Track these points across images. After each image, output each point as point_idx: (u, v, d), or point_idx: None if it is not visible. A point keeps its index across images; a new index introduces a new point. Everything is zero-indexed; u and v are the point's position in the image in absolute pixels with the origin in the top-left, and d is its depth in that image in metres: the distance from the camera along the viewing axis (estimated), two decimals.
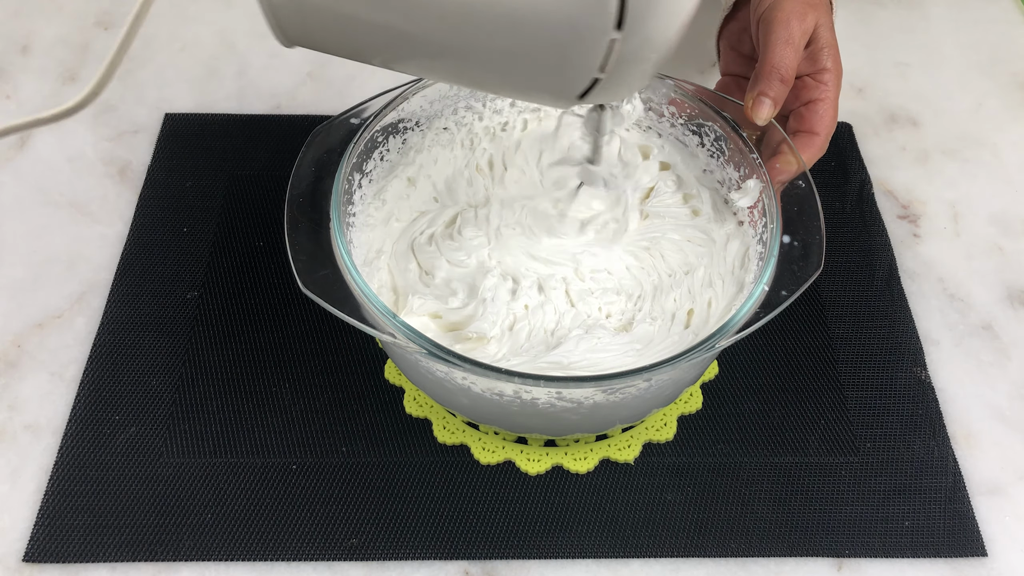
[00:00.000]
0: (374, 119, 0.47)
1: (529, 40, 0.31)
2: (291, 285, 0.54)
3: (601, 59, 0.31)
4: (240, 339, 0.55)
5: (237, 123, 0.67)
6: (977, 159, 0.67)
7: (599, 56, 0.31)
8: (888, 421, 0.52)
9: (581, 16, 0.30)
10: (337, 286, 0.40)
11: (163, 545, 0.47)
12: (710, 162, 0.51)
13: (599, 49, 0.31)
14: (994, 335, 0.57)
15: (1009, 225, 0.63)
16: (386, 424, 0.52)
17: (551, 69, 0.32)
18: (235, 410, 0.52)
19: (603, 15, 0.30)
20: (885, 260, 0.60)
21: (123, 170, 0.64)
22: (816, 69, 0.50)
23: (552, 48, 0.31)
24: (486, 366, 0.38)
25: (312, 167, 0.44)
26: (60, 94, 0.69)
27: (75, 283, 0.58)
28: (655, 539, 0.48)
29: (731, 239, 0.48)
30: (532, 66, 0.32)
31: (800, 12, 0.49)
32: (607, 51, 0.31)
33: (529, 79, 0.34)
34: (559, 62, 0.32)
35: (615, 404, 0.42)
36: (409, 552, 0.47)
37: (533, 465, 0.50)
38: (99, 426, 0.51)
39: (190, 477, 0.49)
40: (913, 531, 0.48)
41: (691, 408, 0.52)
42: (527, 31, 0.30)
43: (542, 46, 0.31)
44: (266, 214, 0.61)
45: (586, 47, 0.31)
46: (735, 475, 0.50)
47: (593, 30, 0.30)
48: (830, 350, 0.55)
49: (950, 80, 0.73)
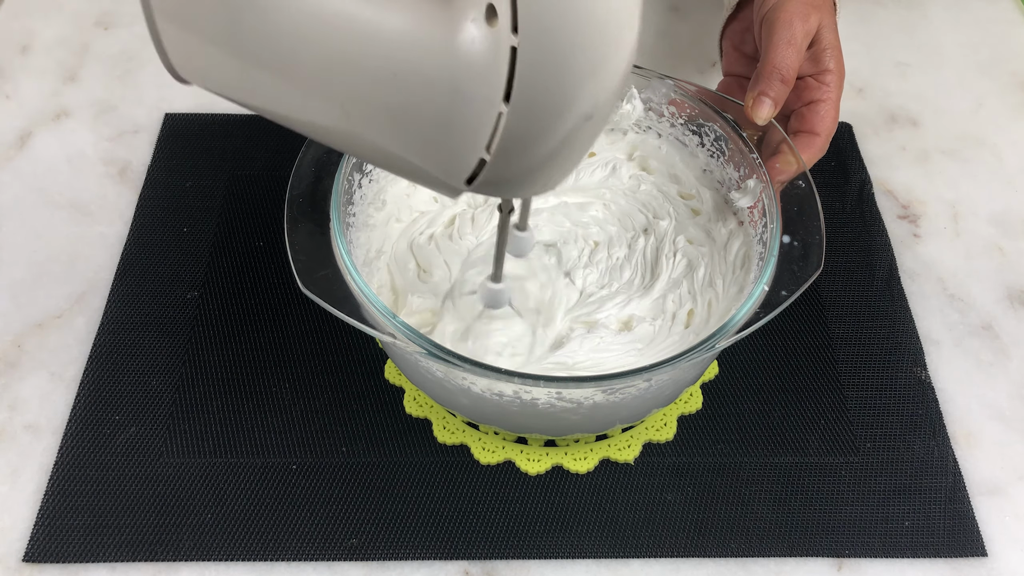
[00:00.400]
0: None
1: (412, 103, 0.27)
2: (291, 285, 0.54)
3: (487, 135, 0.27)
4: (240, 339, 0.55)
5: (237, 123, 0.67)
6: (977, 159, 0.67)
7: (485, 132, 0.27)
8: (888, 421, 0.52)
9: (467, 81, 0.26)
10: (337, 286, 0.40)
11: (163, 545, 0.47)
12: (710, 162, 0.51)
13: (485, 123, 0.26)
14: (994, 335, 0.57)
15: (1009, 225, 0.63)
16: (386, 424, 0.52)
17: (433, 141, 0.28)
18: (235, 410, 0.52)
19: (490, 82, 0.26)
20: (885, 260, 0.60)
21: (123, 170, 0.64)
22: (818, 70, 0.50)
23: (435, 115, 0.27)
24: (486, 366, 0.38)
25: (312, 167, 0.44)
26: (60, 94, 0.69)
27: (75, 283, 0.58)
28: (655, 539, 0.48)
29: (731, 239, 0.48)
30: (415, 136, 0.28)
31: (803, 13, 0.49)
32: (493, 126, 0.26)
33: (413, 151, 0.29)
34: (442, 133, 0.28)
35: (615, 404, 0.42)
36: (409, 552, 0.47)
37: (533, 465, 0.50)
38: (99, 426, 0.51)
39: (190, 477, 0.49)
40: (913, 531, 0.48)
41: (691, 408, 0.52)
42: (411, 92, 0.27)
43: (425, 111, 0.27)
44: (266, 214, 0.61)
45: (470, 118, 0.27)
46: (735, 475, 0.50)
47: (478, 99, 0.26)
48: (830, 350, 0.55)
49: (950, 80, 0.73)
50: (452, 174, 0.29)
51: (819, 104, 0.50)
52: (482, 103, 0.26)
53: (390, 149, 0.29)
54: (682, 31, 0.76)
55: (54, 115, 0.68)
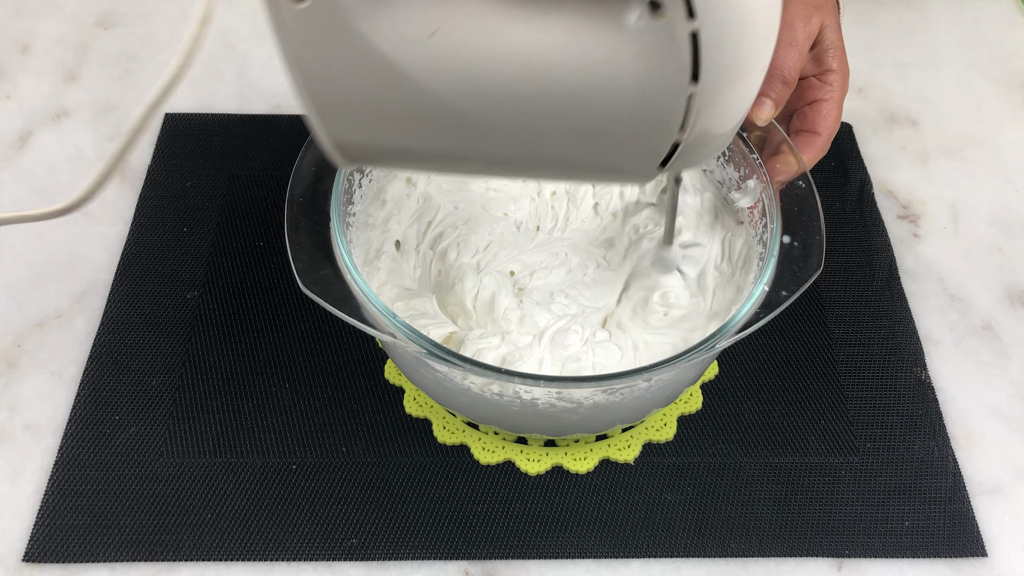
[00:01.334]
0: None
1: (601, 115, 0.28)
2: (291, 285, 0.54)
3: (680, 118, 0.29)
4: (240, 339, 0.55)
5: (237, 123, 0.67)
6: (977, 159, 0.67)
7: (678, 115, 0.28)
8: (888, 421, 0.52)
9: (652, 75, 0.27)
10: (337, 286, 0.40)
11: (163, 545, 0.47)
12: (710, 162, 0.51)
13: (677, 107, 0.28)
14: (994, 335, 0.57)
15: (1009, 225, 0.63)
16: (386, 424, 0.52)
17: (629, 142, 0.30)
18: (235, 410, 0.52)
19: (677, 70, 0.27)
20: (885, 260, 0.60)
21: (123, 170, 0.64)
22: (822, 70, 0.50)
23: (626, 117, 0.28)
24: (486, 366, 0.38)
25: (312, 167, 0.44)
26: (60, 94, 0.69)
27: (75, 283, 0.58)
28: (655, 539, 0.48)
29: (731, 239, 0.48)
30: (609, 143, 0.30)
31: (805, 14, 0.49)
32: (686, 108, 0.28)
33: (607, 157, 0.31)
34: (636, 131, 0.29)
35: (615, 404, 0.42)
36: (409, 552, 0.47)
37: (533, 465, 0.50)
38: (99, 426, 0.51)
39: (190, 477, 0.49)
40: (913, 531, 0.48)
41: (691, 408, 0.52)
42: (597, 105, 0.28)
43: (616, 117, 0.28)
44: (266, 214, 0.61)
45: (663, 108, 0.28)
46: (735, 475, 0.50)
47: (667, 88, 0.28)
48: (830, 350, 0.55)
49: (950, 80, 0.73)
50: (648, 164, 0.31)
51: (821, 104, 0.50)
52: (671, 91, 0.28)
53: (583, 162, 0.31)
54: None
55: (54, 115, 0.68)
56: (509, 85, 0.28)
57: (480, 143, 0.30)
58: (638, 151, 0.30)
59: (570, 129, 0.29)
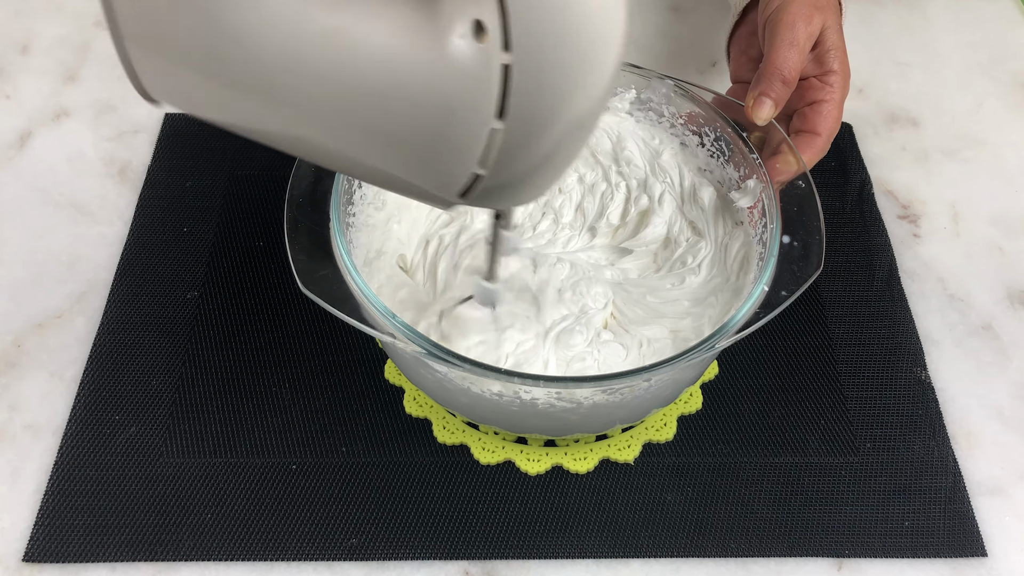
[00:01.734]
0: None
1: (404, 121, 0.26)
2: (291, 285, 0.54)
3: (481, 152, 0.27)
4: (240, 339, 0.55)
5: None
6: (977, 159, 0.67)
7: (478, 147, 0.26)
8: (888, 421, 0.52)
9: (459, 99, 0.25)
10: (337, 286, 0.40)
11: (163, 545, 0.47)
12: (710, 162, 0.51)
13: (478, 139, 0.26)
14: (994, 335, 0.57)
15: (1009, 225, 0.63)
16: (386, 424, 0.52)
17: (426, 158, 0.28)
18: (235, 410, 0.52)
19: (483, 100, 0.25)
20: (885, 260, 0.60)
21: (123, 170, 0.64)
22: (823, 71, 0.50)
23: (427, 133, 0.27)
24: (486, 366, 0.38)
25: (312, 167, 0.44)
26: (60, 94, 0.69)
27: (75, 283, 0.58)
28: (655, 539, 0.48)
29: (731, 239, 0.48)
30: (407, 153, 0.28)
31: (806, 15, 0.49)
32: (487, 143, 0.26)
33: (405, 169, 0.29)
34: (435, 150, 0.27)
35: (615, 404, 0.42)
36: (409, 552, 0.47)
37: (533, 465, 0.50)
38: (99, 426, 0.51)
39: (190, 477, 0.49)
40: (913, 531, 0.48)
41: (691, 408, 0.52)
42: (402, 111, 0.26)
43: (417, 129, 0.26)
44: (266, 214, 0.61)
45: (463, 135, 0.26)
46: (735, 475, 0.50)
47: (471, 116, 0.26)
48: (830, 350, 0.55)
49: (950, 80, 0.73)
50: (445, 189, 0.29)
51: (822, 104, 0.50)
52: (474, 120, 0.26)
53: (379, 167, 0.29)
54: (682, 31, 0.76)
55: (54, 115, 0.68)
56: (321, 59, 0.25)
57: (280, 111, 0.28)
58: (436, 172, 0.28)
59: (371, 125, 0.27)
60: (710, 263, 0.48)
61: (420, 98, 0.26)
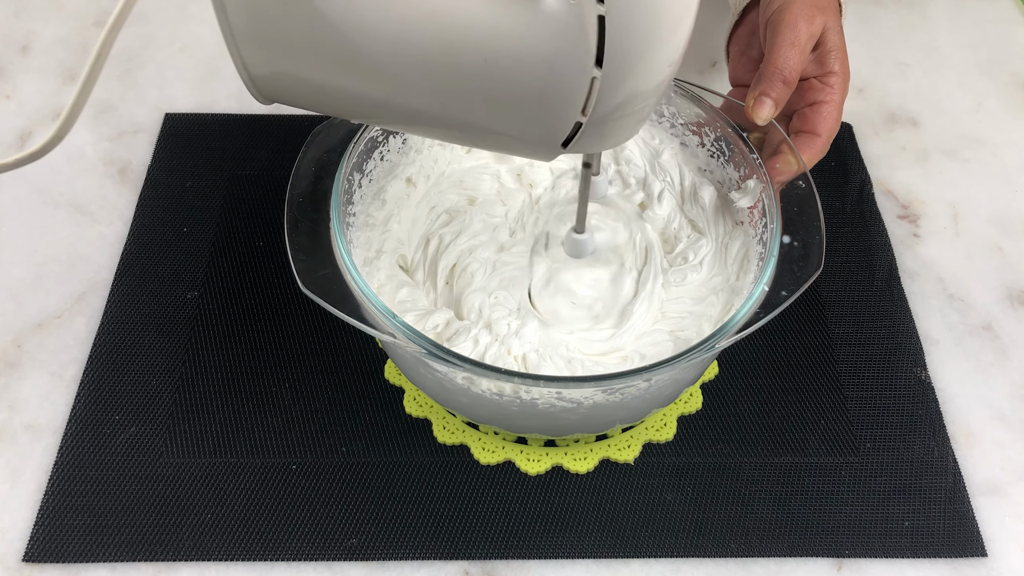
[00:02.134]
0: None
1: (508, 84, 0.29)
2: (291, 285, 0.54)
3: (582, 100, 0.29)
4: (240, 339, 0.55)
5: (237, 123, 0.67)
6: (977, 159, 0.67)
7: (580, 97, 0.29)
8: (888, 421, 0.52)
9: (559, 54, 0.28)
10: (337, 286, 0.40)
11: (163, 545, 0.47)
12: (710, 162, 0.51)
13: (580, 89, 0.29)
14: (994, 335, 0.57)
15: (1009, 225, 0.63)
16: (386, 424, 0.52)
17: (532, 114, 0.30)
18: (235, 410, 0.52)
19: (582, 51, 0.28)
20: (885, 260, 0.60)
21: (123, 170, 0.64)
22: (823, 72, 0.50)
23: (531, 91, 0.29)
24: (486, 366, 0.38)
25: (312, 167, 0.44)
26: (60, 94, 0.69)
27: (75, 283, 0.58)
28: (655, 539, 0.48)
29: (731, 239, 0.48)
30: (513, 113, 0.30)
31: (808, 15, 0.49)
32: (588, 91, 0.29)
33: (510, 127, 0.32)
34: (539, 106, 0.30)
35: (615, 404, 0.42)
36: (409, 552, 0.47)
37: (533, 465, 0.50)
38: (99, 426, 0.51)
39: (190, 477, 0.49)
40: (913, 531, 0.48)
41: (691, 408, 0.52)
42: (505, 74, 0.29)
43: (521, 89, 0.29)
44: (266, 214, 0.61)
45: (566, 87, 0.29)
46: (735, 475, 0.50)
47: (572, 68, 0.28)
48: (830, 350, 0.55)
49: (950, 80, 0.73)
50: (550, 140, 0.31)
51: (822, 105, 0.50)
52: (575, 72, 0.28)
53: (487, 127, 0.32)
54: None
55: (54, 115, 0.68)
56: (425, 39, 0.28)
57: (391, 92, 0.30)
58: (541, 126, 0.31)
59: (478, 92, 0.30)
60: (711, 261, 0.48)
61: (525, 59, 0.28)
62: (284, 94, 0.32)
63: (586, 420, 0.44)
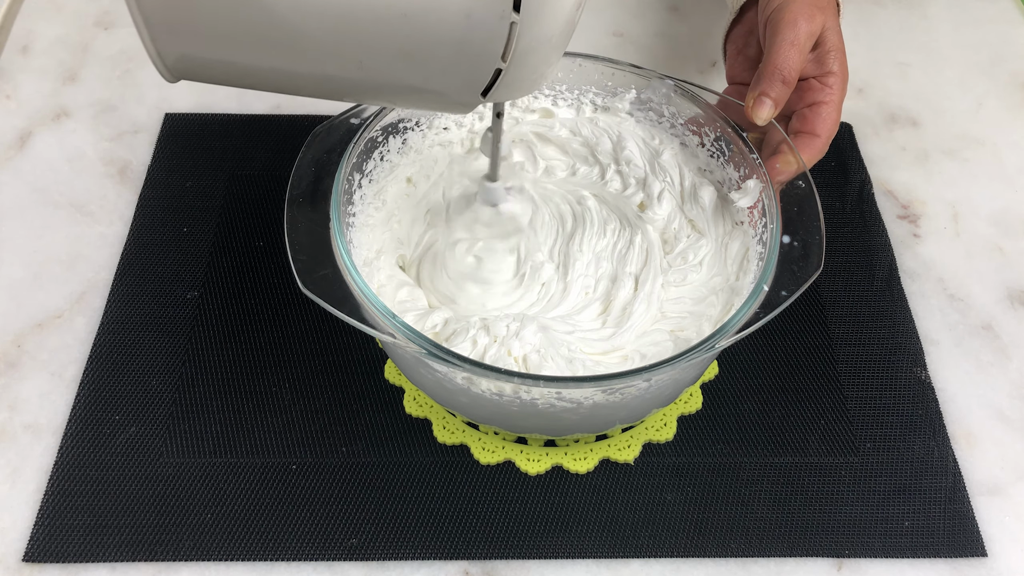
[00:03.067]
0: (374, 119, 0.47)
1: (428, 38, 0.29)
2: (291, 285, 0.54)
3: (502, 46, 0.30)
4: (240, 339, 0.55)
5: (237, 123, 0.67)
6: (977, 159, 0.67)
7: (500, 43, 0.30)
8: (888, 421, 0.52)
9: (478, 3, 0.29)
10: (337, 286, 0.40)
11: (163, 545, 0.47)
12: (710, 162, 0.51)
13: (499, 36, 0.30)
14: (994, 335, 0.57)
15: (1009, 225, 0.63)
16: (386, 424, 0.52)
17: (453, 66, 0.31)
18: (235, 410, 0.52)
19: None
20: (885, 260, 0.60)
21: (123, 170, 0.64)
22: (822, 72, 0.50)
23: (452, 42, 0.30)
24: (486, 366, 0.38)
25: (312, 167, 0.44)
26: (60, 94, 0.69)
27: (75, 283, 0.58)
28: (655, 539, 0.48)
29: (731, 239, 0.48)
30: (433, 67, 0.31)
31: (808, 14, 0.49)
32: (507, 36, 0.30)
33: (431, 81, 0.32)
34: (460, 57, 0.30)
35: (615, 404, 0.42)
36: (409, 552, 0.47)
37: (533, 465, 0.50)
38: (99, 426, 0.51)
39: (190, 477, 0.49)
40: (913, 531, 0.48)
41: (691, 408, 0.52)
42: (426, 29, 0.29)
43: (442, 42, 0.30)
44: (266, 214, 0.61)
45: (485, 35, 0.29)
46: (735, 475, 0.50)
47: (491, 15, 0.29)
48: (830, 350, 0.55)
49: (950, 80, 0.73)
50: (470, 90, 0.32)
51: (821, 106, 0.50)
52: (494, 19, 0.29)
53: (407, 84, 0.32)
54: (682, 31, 0.76)
55: (54, 115, 0.68)
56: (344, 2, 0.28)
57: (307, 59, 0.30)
58: (461, 77, 0.31)
59: (397, 50, 0.30)
60: (711, 261, 0.48)
61: (445, 11, 0.29)
62: (197, 71, 0.31)
63: (586, 420, 0.44)
